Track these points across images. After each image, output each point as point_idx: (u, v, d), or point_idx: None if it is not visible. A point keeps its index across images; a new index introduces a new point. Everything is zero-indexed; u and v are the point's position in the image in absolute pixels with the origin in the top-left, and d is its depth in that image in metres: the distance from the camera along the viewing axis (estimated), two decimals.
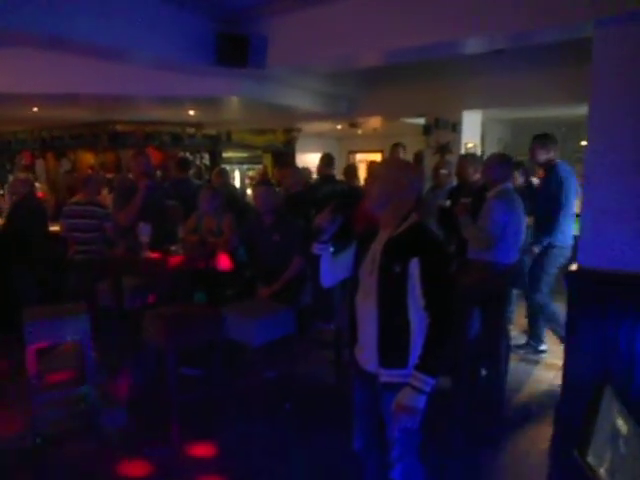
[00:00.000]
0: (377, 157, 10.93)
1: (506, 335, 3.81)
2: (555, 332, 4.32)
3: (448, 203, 4.06)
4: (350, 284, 2.12)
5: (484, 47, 3.97)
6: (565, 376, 3.41)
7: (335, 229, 2.09)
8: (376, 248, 2.01)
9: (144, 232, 4.09)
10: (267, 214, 4.05)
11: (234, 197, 6.04)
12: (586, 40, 3.19)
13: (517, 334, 4.90)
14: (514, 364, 4.21)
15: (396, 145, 6.03)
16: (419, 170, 2.17)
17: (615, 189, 3.12)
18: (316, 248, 2.13)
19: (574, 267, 3.34)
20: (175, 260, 4.11)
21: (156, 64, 4.66)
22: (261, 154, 11.07)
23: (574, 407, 3.31)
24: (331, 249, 2.15)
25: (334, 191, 5.13)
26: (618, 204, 3.12)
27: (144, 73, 5.18)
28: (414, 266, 1.87)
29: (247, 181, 10.75)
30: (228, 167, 8.82)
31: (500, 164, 3.72)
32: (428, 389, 1.86)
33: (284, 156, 10.74)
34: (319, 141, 11.83)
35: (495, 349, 3.72)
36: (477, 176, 4.31)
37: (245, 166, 10.85)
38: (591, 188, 3.25)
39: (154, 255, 4.22)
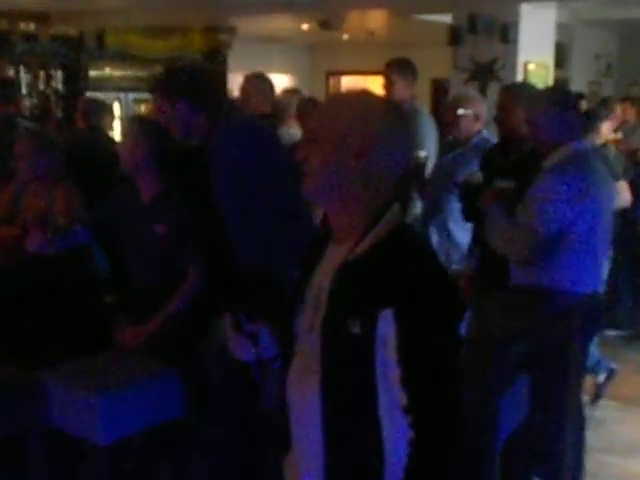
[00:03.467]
0: (376, 82, 7.63)
1: (578, 419, 2.58)
2: None
3: (479, 177, 2.71)
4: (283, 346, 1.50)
5: None
6: None
7: (268, 340, 1.44)
8: (321, 281, 1.24)
9: None
10: (144, 183, 2.63)
11: (103, 154, 4.01)
12: None
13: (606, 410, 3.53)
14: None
15: (391, 65, 3.66)
16: (407, 119, 1.18)
17: None
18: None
19: None
20: None
21: None
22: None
23: None
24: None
25: None
26: None
27: None
28: (386, 325, 1.12)
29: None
30: (102, 97, 6.52)
31: (553, 110, 2.37)
32: None
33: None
34: (274, 53, 8.45)
35: (556, 445, 2.48)
36: None
37: (132, 95, 8.43)
38: None
39: None
